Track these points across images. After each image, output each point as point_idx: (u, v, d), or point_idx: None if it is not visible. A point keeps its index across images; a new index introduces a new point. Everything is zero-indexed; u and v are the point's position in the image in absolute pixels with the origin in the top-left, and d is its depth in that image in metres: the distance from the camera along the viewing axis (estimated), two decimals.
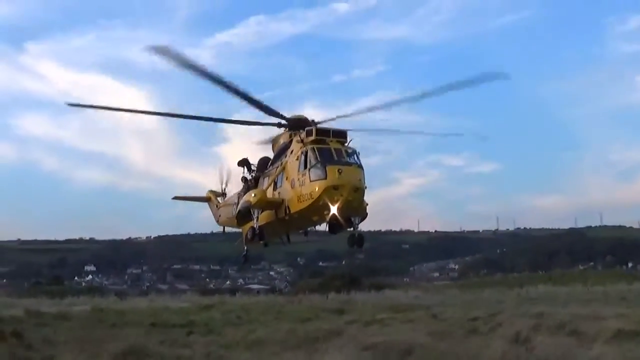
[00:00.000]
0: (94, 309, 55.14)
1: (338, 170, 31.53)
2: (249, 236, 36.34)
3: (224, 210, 44.46)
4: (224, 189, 46.16)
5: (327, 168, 31.69)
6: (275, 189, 35.72)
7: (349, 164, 32.12)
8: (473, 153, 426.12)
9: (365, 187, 32.46)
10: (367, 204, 34.06)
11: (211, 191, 47.99)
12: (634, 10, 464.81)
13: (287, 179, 34.47)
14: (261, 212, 35.46)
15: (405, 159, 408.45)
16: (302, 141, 33.77)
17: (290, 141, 35.91)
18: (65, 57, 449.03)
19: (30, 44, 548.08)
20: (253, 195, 35.50)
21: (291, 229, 38.08)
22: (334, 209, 31.52)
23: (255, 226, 35.20)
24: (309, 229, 37.73)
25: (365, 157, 33.56)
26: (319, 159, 32.26)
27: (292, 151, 34.89)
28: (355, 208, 32.66)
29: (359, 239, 34.38)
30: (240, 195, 39.75)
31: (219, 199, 46.95)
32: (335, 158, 32.20)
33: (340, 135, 33.58)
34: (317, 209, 32.42)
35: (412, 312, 48.63)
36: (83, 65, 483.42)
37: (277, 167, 36.18)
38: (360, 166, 32.42)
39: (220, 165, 46.72)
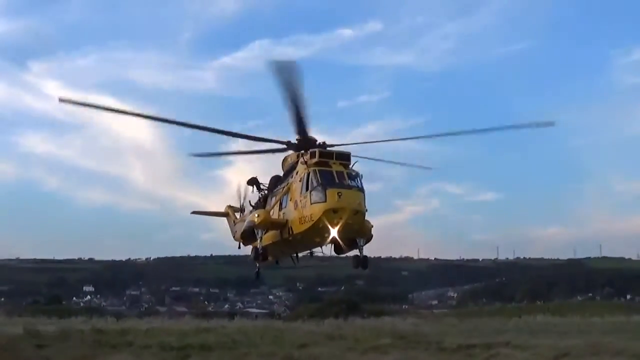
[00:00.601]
0: (93, 330, 55.20)
1: (338, 194, 31.72)
2: (252, 256, 36.46)
3: (240, 226, 44.75)
4: (242, 204, 46.18)
5: (327, 191, 31.89)
6: (280, 209, 36.05)
7: (350, 187, 32.22)
8: (474, 182, 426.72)
9: (366, 210, 32.65)
10: (371, 226, 34.34)
11: (229, 206, 47.98)
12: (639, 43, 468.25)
13: (291, 200, 34.74)
14: (265, 233, 35.62)
15: (407, 186, 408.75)
16: (305, 163, 34.02)
17: (297, 162, 36.12)
18: (68, 77, 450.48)
19: (33, 62, 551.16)
20: (257, 215, 35.70)
21: (296, 249, 38.40)
22: (334, 232, 31.77)
23: (258, 246, 35.23)
24: (314, 249, 37.90)
25: (369, 182, 34.09)
26: (320, 181, 32.47)
27: (297, 172, 35.23)
28: (357, 230, 32.80)
29: (363, 261, 34.58)
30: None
31: (236, 214, 46.94)
32: (337, 181, 32.33)
33: (343, 157, 33.74)
34: (317, 231, 32.60)
35: (410, 340, 48.67)
36: (86, 85, 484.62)
37: (284, 188, 36.53)
38: (361, 189, 32.56)
39: (239, 181, 46.73)
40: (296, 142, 36.70)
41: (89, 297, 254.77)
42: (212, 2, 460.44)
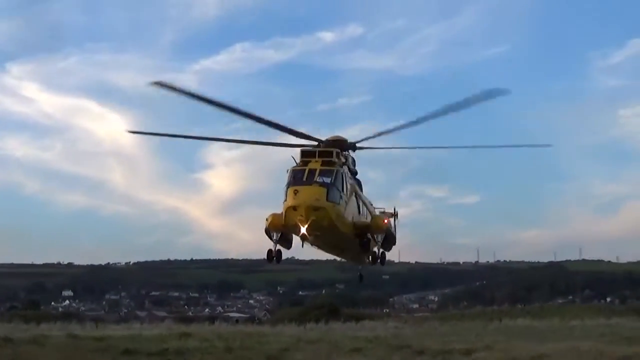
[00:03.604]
0: (69, 336, 54.55)
1: (294, 191, 31.81)
2: (267, 257, 35.15)
3: None
4: None
5: (288, 190, 32.14)
6: None
7: (310, 184, 32.08)
8: (456, 185, 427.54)
9: (338, 204, 32.39)
10: (385, 222, 35.41)
11: None
12: (618, 45, 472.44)
13: None
14: (280, 235, 34.54)
15: (388, 189, 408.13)
16: None
17: None
18: (48, 79, 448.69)
19: (12, 65, 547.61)
20: (267, 218, 34.80)
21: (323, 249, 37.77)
22: (303, 229, 31.75)
23: (272, 248, 34.41)
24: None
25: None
26: (288, 181, 32.66)
27: None
28: (327, 226, 32.29)
29: (381, 257, 35.58)
30: None
31: None
32: (304, 179, 32.30)
33: (326, 154, 33.71)
34: (291, 228, 32.73)
35: (391, 344, 48.53)
36: (67, 88, 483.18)
37: None
38: (325, 184, 32.13)
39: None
40: (322, 144, 35.80)
41: (67, 302, 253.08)
42: (193, 5, 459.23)
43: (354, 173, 36.99)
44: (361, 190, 38.43)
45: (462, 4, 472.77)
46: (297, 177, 32.57)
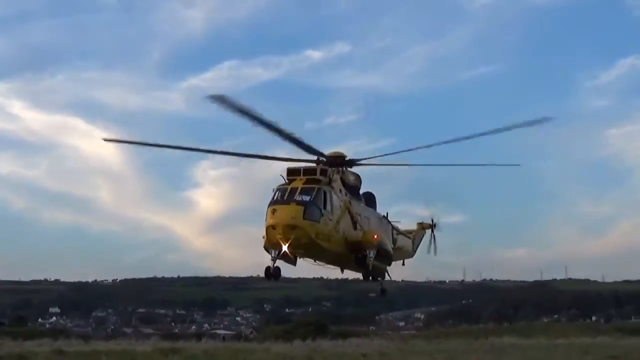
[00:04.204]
0: (56, 352, 54.71)
1: (272, 211, 32.54)
2: (265, 274, 34.97)
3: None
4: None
5: (268, 209, 32.83)
6: None
7: (288, 203, 32.63)
8: (442, 204, 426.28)
9: (317, 222, 32.72)
10: (375, 237, 35.78)
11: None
12: (604, 67, 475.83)
13: None
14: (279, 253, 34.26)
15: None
16: None
17: None
18: (35, 97, 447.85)
19: None
20: (263, 236, 34.42)
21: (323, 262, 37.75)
22: (284, 247, 32.34)
23: (270, 265, 34.20)
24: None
25: None
26: (270, 199, 33.39)
27: None
28: (307, 244, 32.91)
29: (379, 272, 37.00)
30: None
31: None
32: (284, 198, 32.93)
33: (310, 172, 34.24)
34: (274, 246, 33.00)
35: None
36: (53, 106, 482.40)
37: None
38: (303, 202, 32.55)
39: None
40: (325, 159, 36.64)
41: (54, 318, 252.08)
42: (180, 23, 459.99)
43: (353, 188, 37.39)
44: (372, 205, 38.95)
45: (449, 24, 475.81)
46: (278, 196, 33.25)
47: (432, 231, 47.76)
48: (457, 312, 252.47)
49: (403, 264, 46.16)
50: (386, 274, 40.35)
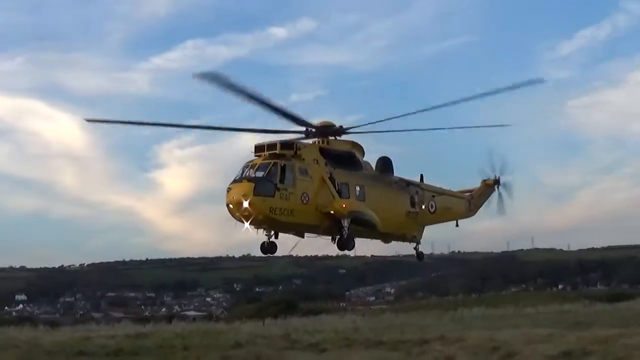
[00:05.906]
0: (23, 339, 53.85)
1: (228, 189, 33.12)
2: (260, 249, 35.86)
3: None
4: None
5: (227, 187, 33.27)
6: None
7: (241, 180, 33.03)
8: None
9: (271, 196, 32.61)
10: (344, 206, 35.14)
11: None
12: (564, 37, 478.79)
13: None
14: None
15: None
16: None
17: None
18: None
19: None
20: None
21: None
22: (246, 224, 32.77)
23: (265, 240, 35.30)
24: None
25: None
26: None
27: None
28: (265, 219, 32.98)
29: (342, 241, 35.81)
30: None
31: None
32: (243, 175, 33.32)
33: (271, 147, 34.13)
34: (239, 222, 33.28)
35: (348, 337, 48.87)
36: (14, 89, 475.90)
37: None
38: (253, 179, 32.76)
39: None
40: (314, 129, 36.73)
41: (21, 306, 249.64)
42: (142, 2, 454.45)
43: (344, 156, 37.06)
44: (388, 170, 39.34)
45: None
46: (237, 175, 33.63)
47: (497, 189, 46.84)
48: (427, 285, 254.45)
49: (457, 225, 45.68)
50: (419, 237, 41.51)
